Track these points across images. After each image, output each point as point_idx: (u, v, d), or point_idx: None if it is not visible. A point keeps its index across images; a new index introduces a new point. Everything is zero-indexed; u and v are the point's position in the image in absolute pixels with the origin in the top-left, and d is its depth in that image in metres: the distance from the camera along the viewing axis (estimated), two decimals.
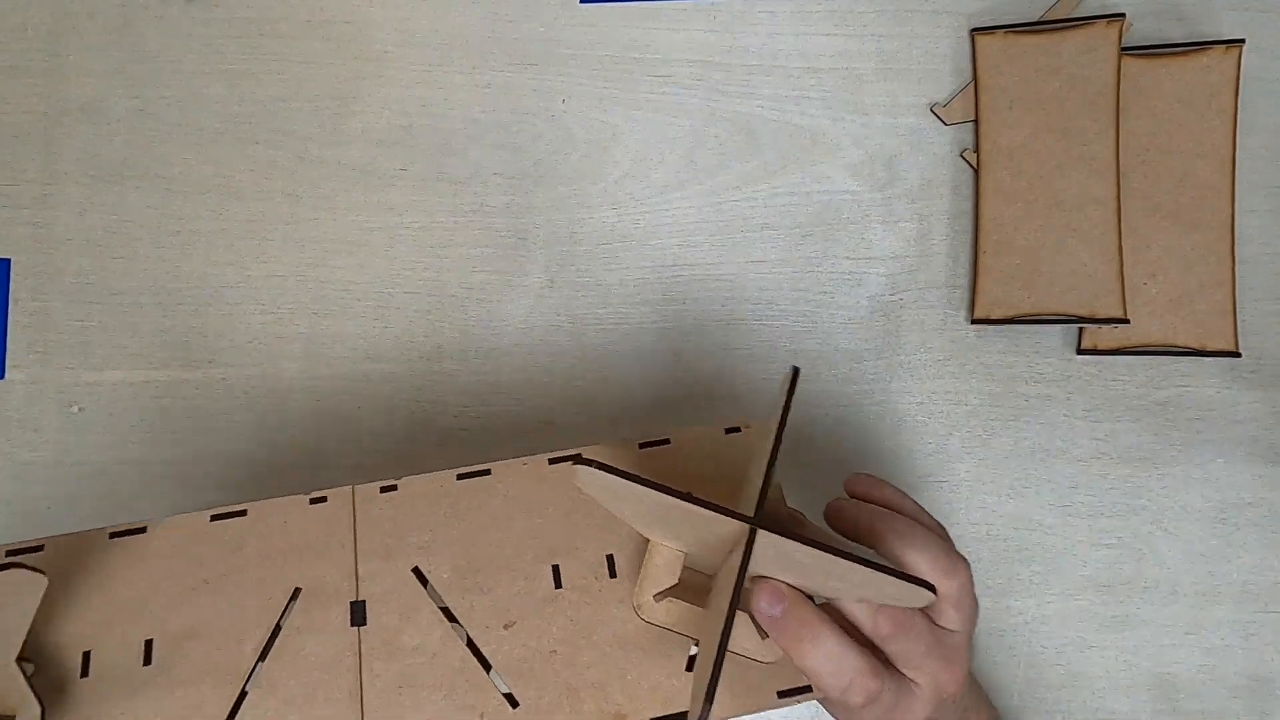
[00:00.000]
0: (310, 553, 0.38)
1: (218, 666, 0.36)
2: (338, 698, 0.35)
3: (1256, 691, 0.51)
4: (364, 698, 0.35)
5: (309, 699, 0.35)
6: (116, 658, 0.36)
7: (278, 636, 0.36)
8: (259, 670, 0.35)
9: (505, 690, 0.35)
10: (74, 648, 0.36)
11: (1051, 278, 0.51)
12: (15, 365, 0.55)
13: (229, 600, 0.37)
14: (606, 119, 0.55)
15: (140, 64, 0.57)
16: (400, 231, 0.55)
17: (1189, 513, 0.52)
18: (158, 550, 0.38)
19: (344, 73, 0.56)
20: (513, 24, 0.56)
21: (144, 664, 0.36)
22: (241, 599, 0.37)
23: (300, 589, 0.37)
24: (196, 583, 0.37)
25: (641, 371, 0.53)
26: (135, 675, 0.35)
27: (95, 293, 0.55)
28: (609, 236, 0.55)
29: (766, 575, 0.34)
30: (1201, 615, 0.51)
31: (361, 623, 0.36)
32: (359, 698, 0.35)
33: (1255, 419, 0.52)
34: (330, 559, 0.37)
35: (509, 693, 0.35)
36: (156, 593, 0.37)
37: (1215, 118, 0.52)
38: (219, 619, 0.36)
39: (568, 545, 0.38)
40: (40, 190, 0.56)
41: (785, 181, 0.54)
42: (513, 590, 0.37)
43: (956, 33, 0.54)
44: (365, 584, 0.37)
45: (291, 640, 0.36)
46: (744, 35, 0.55)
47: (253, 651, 0.36)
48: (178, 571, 0.37)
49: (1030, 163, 0.52)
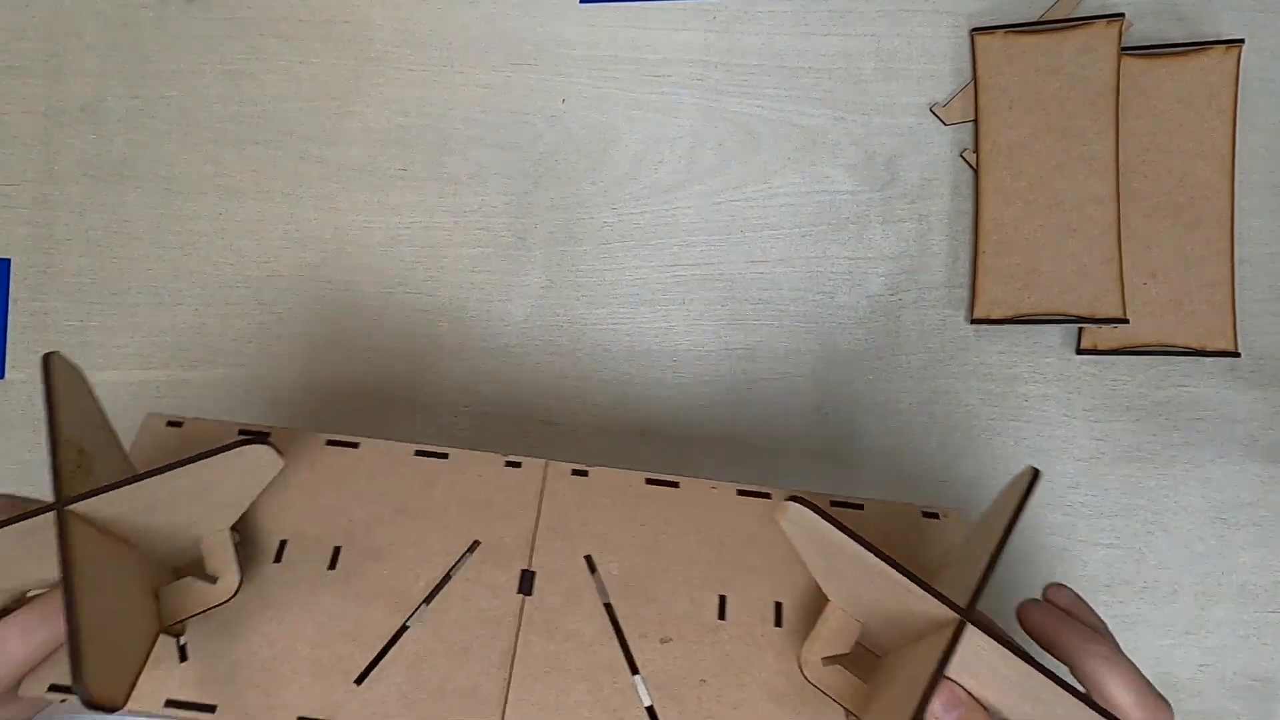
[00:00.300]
0: (495, 511, 0.39)
1: (391, 592, 0.37)
2: (490, 658, 0.36)
3: (1256, 691, 0.51)
4: (514, 665, 0.36)
5: (464, 650, 0.36)
6: (307, 554, 0.38)
7: (448, 581, 0.37)
8: (424, 609, 0.37)
9: (648, 703, 0.35)
10: (274, 533, 0.38)
11: (1051, 278, 0.51)
12: (15, 365, 0.55)
13: (414, 534, 0.38)
14: (606, 119, 0.55)
15: (140, 64, 0.57)
16: (400, 231, 0.55)
17: (1189, 513, 0.52)
18: (362, 468, 0.39)
19: (344, 73, 0.56)
20: (513, 24, 0.56)
21: (329, 568, 0.37)
22: (425, 536, 0.38)
23: (479, 542, 0.38)
24: (390, 509, 0.39)
25: (642, 372, 0.53)
26: (320, 576, 0.37)
27: (95, 293, 0.55)
28: (609, 236, 0.55)
29: (950, 676, 0.32)
30: (1201, 615, 0.51)
31: (528, 592, 0.37)
32: (509, 664, 0.36)
33: (1255, 419, 0.52)
34: (512, 522, 0.38)
35: (651, 706, 0.35)
36: (354, 507, 0.39)
37: (1215, 118, 0.52)
38: (402, 549, 0.38)
39: (739, 580, 0.37)
40: (40, 190, 0.56)
41: (785, 181, 0.54)
42: (676, 608, 0.37)
43: (956, 33, 0.54)
44: (538, 556, 0.38)
45: (460, 588, 0.37)
46: (744, 35, 0.55)
47: (425, 587, 0.37)
48: (376, 493, 0.39)
49: (1030, 163, 0.52)
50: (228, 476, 0.34)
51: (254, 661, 0.36)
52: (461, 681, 0.35)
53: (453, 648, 0.36)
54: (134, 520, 0.34)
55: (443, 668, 0.36)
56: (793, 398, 0.53)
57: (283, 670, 0.36)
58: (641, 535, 0.38)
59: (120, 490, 0.32)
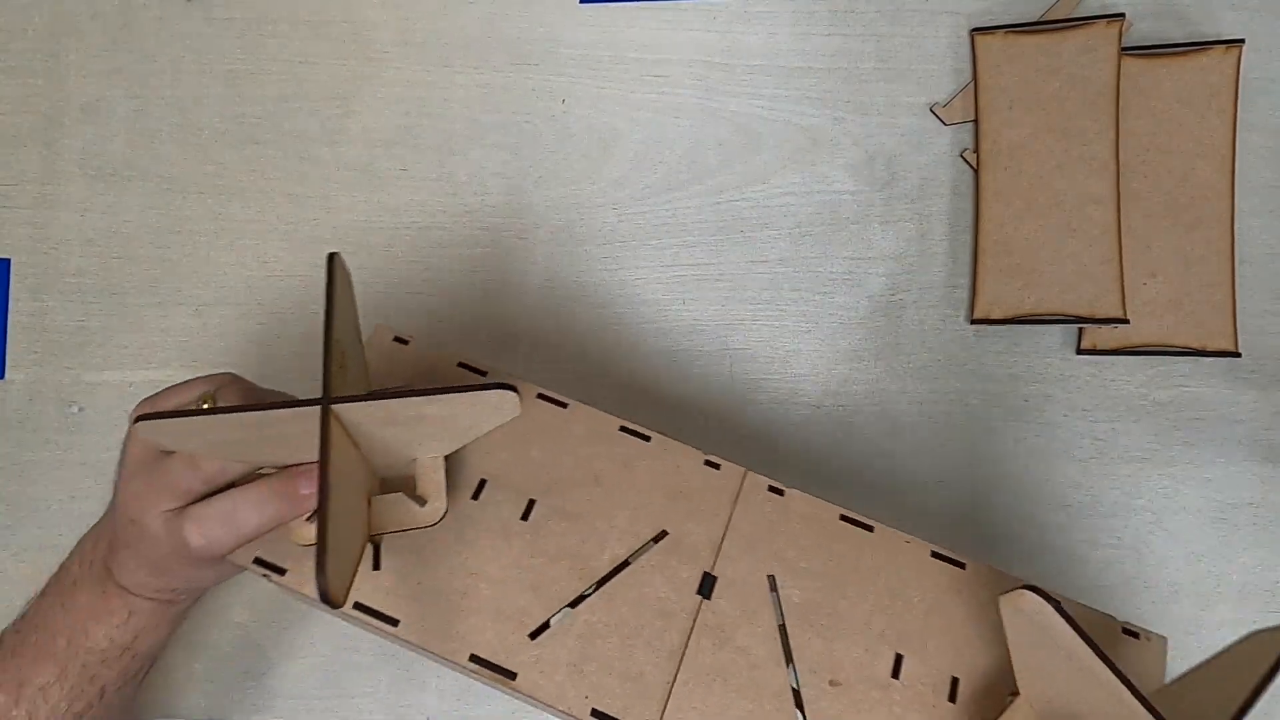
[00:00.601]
0: (688, 506, 0.39)
1: (575, 556, 0.38)
2: (660, 649, 0.36)
3: None
4: (682, 664, 0.36)
5: (635, 634, 0.36)
6: (504, 500, 0.39)
7: (630, 563, 0.38)
8: (608, 585, 0.37)
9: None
10: (476, 471, 0.39)
11: (1051, 278, 0.51)
12: (15, 365, 0.55)
13: (608, 507, 0.39)
14: (606, 119, 0.55)
15: (140, 64, 0.57)
16: (400, 231, 0.55)
17: (1189, 513, 0.52)
18: (568, 430, 0.40)
19: (344, 73, 0.56)
20: (513, 24, 0.56)
21: (522, 518, 0.38)
22: (617, 512, 0.39)
23: (666, 533, 0.38)
24: (589, 476, 0.39)
25: (642, 372, 0.53)
26: (512, 524, 0.38)
27: (95, 293, 0.55)
28: (609, 236, 0.55)
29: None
30: (1201, 615, 0.51)
31: (706, 595, 0.37)
32: (678, 662, 0.36)
33: (1255, 419, 0.52)
34: (702, 522, 0.39)
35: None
36: (554, 465, 0.39)
37: (1215, 118, 0.52)
38: (593, 518, 0.38)
39: (919, 642, 0.37)
40: (40, 190, 0.56)
41: (785, 181, 0.54)
42: (851, 653, 0.37)
43: (956, 33, 0.54)
44: (722, 562, 0.38)
45: (642, 573, 0.38)
46: (744, 35, 0.55)
47: (609, 562, 0.38)
48: (578, 458, 0.40)
49: (1030, 163, 0.52)
50: (469, 412, 0.35)
51: (439, 589, 0.37)
52: (628, 664, 0.36)
53: (625, 629, 0.37)
54: (371, 430, 0.35)
55: (613, 646, 0.36)
56: (793, 398, 0.53)
57: (464, 605, 0.37)
58: (828, 570, 0.38)
59: (378, 402, 0.34)
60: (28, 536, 0.52)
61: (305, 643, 0.54)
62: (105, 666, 0.40)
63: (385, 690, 0.53)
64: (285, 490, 0.36)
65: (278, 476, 0.37)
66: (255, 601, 0.54)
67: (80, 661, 0.40)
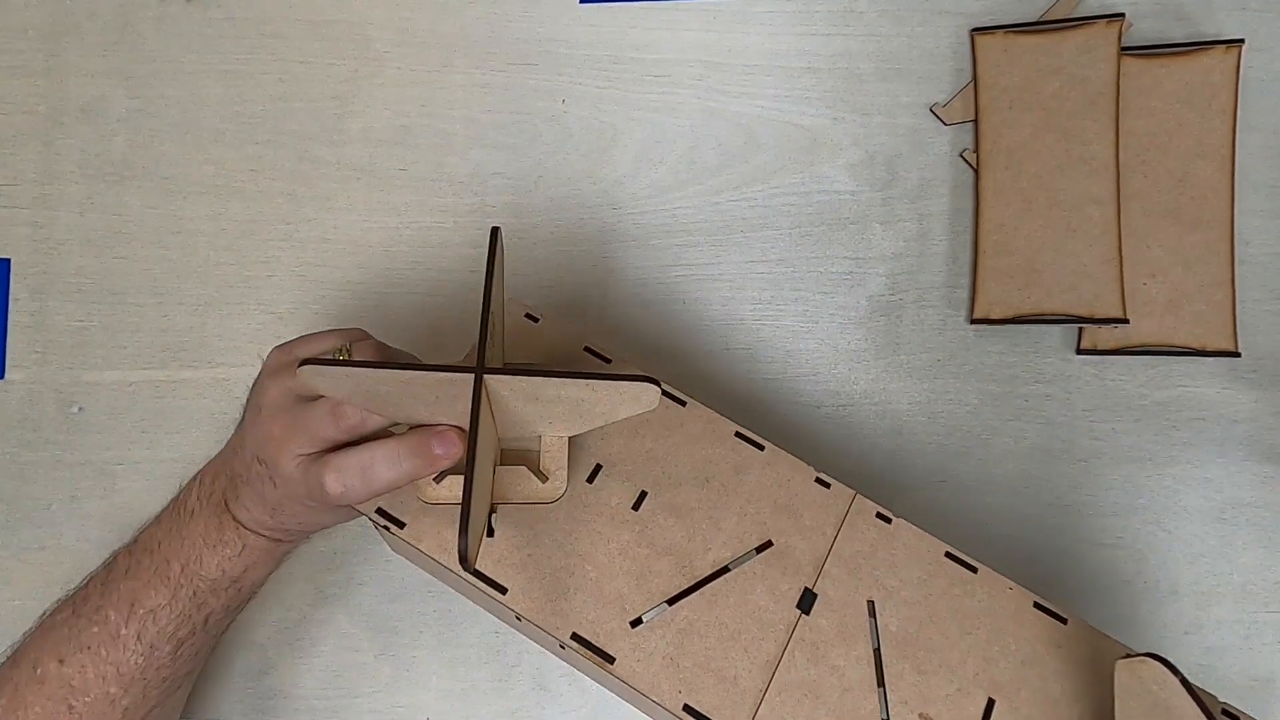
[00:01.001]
0: (794, 521, 0.40)
1: (681, 553, 0.38)
2: (755, 656, 0.37)
3: (1256, 691, 0.51)
4: (775, 674, 0.37)
5: (733, 638, 0.37)
6: (617, 487, 0.40)
7: (731, 569, 0.38)
8: (709, 585, 0.38)
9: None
10: (592, 456, 0.40)
11: (1051, 278, 0.51)
12: (15, 365, 0.55)
13: (716, 509, 0.40)
14: (606, 119, 0.55)
15: (140, 64, 0.57)
16: (400, 231, 0.55)
17: (1189, 513, 0.52)
18: (685, 428, 0.42)
19: (344, 73, 0.56)
20: (513, 24, 0.56)
21: (633, 508, 0.39)
22: (724, 515, 0.39)
23: (771, 543, 0.39)
24: (700, 477, 0.40)
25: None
26: (624, 511, 0.39)
27: (95, 293, 0.55)
28: (609, 236, 0.55)
29: None
30: (1201, 615, 0.51)
31: (806, 610, 0.38)
32: (772, 671, 0.37)
33: (1255, 419, 0.52)
34: (807, 538, 0.39)
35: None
36: (669, 461, 0.40)
37: (1215, 118, 0.52)
38: (701, 518, 0.39)
39: (1011, 690, 0.37)
40: (40, 190, 0.56)
41: (785, 181, 0.54)
42: (943, 689, 0.37)
43: (956, 33, 0.54)
44: (824, 581, 0.39)
45: (744, 579, 0.38)
46: (744, 35, 0.55)
47: (712, 564, 0.38)
48: (692, 458, 0.41)
49: (1030, 163, 0.52)
50: (608, 399, 0.36)
51: (547, 564, 0.38)
52: (723, 666, 0.37)
53: (723, 631, 0.37)
54: (511, 403, 0.37)
55: (710, 645, 0.37)
56: (793, 398, 0.53)
57: (569, 583, 0.38)
58: (928, 604, 0.38)
59: (528, 378, 0.35)
60: (28, 536, 0.52)
61: (305, 643, 0.54)
62: (213, 595, 0.42)
63: (385, 690, 0.53)
64: (420, 449, 0.38)
65: (413, 434, 0.38)
66: (255, 602, 0.54)
67: (191, 588, 0.41)
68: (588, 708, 0.53)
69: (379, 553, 0.54)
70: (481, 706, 0.53)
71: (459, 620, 0.54)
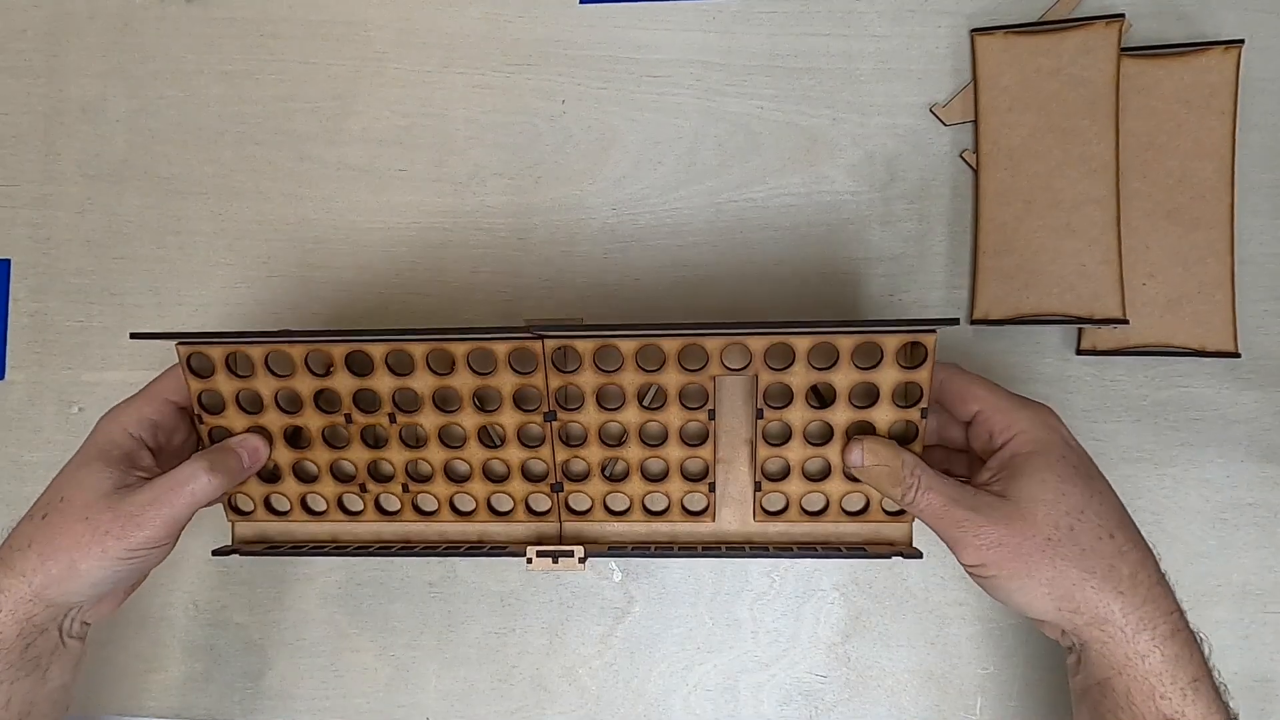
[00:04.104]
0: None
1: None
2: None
3: (1256, 691, 0.51)
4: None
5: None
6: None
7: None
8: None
9: None
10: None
11: (1051, 278, 0.51)
12: (15, 365, 0.55)
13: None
14: (606, 119, 0.55)
15: (140, 64, 0.57)
16: (400, 231, 0.55)
17: (1189, 513, 0.52)
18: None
19: (344, 73, 0.56)
20: (513, 24, 0.56)
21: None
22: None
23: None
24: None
25: None
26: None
27: (95, 293, 0.55)
28: (609, 236, 0.55)
29: None
30: (1201, 615, 0.51)
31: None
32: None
33: (1255, 419, 0.52)
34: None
35: None
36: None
37: (1215, 118, 0.52)
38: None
39: None
40: (40, 190, 0.56)
41: (785, 181, 0.54)
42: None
43: (956, 33, 0.54)
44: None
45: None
46: (744, 35, 0.55)
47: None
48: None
49: (1030, 163, 0.52)
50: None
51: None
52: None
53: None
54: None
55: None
56: None
57: None
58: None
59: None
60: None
61: (305, 643, 0.54)
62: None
63: (385, 690, 0.53)
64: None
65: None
66: (255, 602, 0.54)
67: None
68: (588, 708, 0.54)
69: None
70: (481, 706, 0.53)
71: (459, 620, 0.54)
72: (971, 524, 0.40)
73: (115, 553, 0.41)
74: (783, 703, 0.53)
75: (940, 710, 0.52)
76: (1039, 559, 0.39)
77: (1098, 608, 0.39)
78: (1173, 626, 0.39)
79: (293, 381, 0.45)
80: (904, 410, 0.44)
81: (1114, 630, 0.38)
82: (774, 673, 0.53)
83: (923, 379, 0.43)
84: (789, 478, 0.46)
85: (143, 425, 0.44)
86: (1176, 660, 0.38)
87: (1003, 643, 0.52)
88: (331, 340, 0.44)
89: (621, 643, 0.54)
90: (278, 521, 0.49)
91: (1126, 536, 0.40)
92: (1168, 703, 0.38)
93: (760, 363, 0.44)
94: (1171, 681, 0.38)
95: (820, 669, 0.53)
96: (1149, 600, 0.39)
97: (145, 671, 0.55)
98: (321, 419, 0.46)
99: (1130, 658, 0.38)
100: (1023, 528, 0.39)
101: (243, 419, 0.46)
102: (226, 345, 0.45)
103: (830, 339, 0.43)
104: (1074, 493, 0.40)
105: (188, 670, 0.54)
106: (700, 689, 0.53)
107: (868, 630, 0.53)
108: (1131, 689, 0.38)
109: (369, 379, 0.45)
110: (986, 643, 0.52)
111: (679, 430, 0.46)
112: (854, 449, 0.43)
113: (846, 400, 0.44)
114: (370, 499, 0.48)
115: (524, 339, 0.43)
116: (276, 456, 0.46)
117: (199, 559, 0.55)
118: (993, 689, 0.52)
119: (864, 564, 0.53)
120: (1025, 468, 0.40)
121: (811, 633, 0.53)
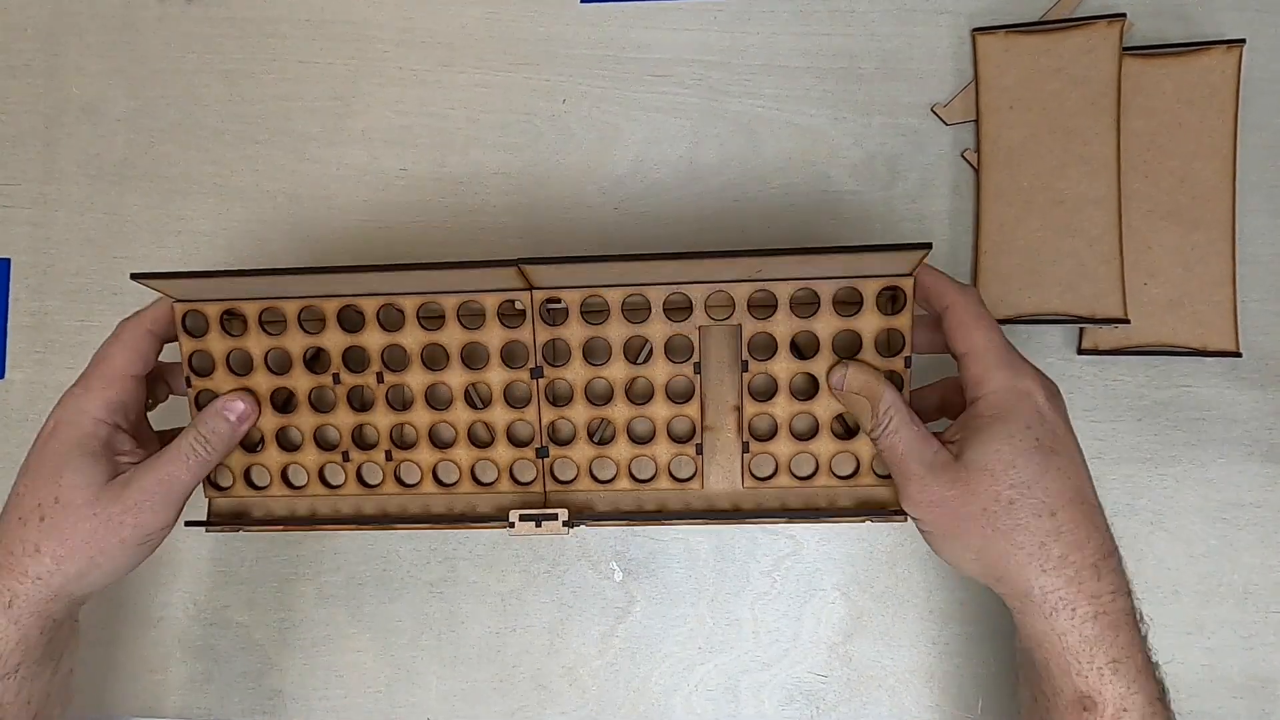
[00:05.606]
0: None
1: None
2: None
3: (1257, 691, 0.51)
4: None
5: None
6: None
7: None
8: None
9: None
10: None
11: (1051, 278, 0.51)
12: (15, 365, 0.55)
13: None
14: (606, 119, 0.55)
15: (140, 64, 0.57)
16: (400, 231, 0.55)
17: (1190, 513, 0.52)
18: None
19: (344, 73, 0.56)
20: (513, 24, 0.56)
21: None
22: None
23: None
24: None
25: None
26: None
27: (95, 293, 0.55)
28: (610, 236, 0.55)
29: None
30: (1201, 615, 0.51)
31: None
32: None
33: (1255, 419, 0.52)
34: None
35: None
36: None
37: (1215, 118, 0.52)
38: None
39: None
40: (40, 190, 0.56)
41: (785, 181, 0.54)
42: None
43: (957, 33, 0.54)
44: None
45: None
46: (744, 35, 0.55)
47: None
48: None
49: (1030, 163, 0.52)
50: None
51: None
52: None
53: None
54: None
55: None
56: None
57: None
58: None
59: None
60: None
61: (305, 643, 0.54)
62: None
63: (386, 690, 0.53)
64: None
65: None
66: (255, 602, 0.54)
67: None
68: (588, 708, 0.53)
69: (378, 552, 0.54)
70: (482, 706, 0.53)
71: (459, 620, 0.54)
72: (918, 479, 0.41)
73: (133, 540, 0.42)
74: (784, 703, 0.53)
75: (941, 710, 0.52)
76: (971, 526, 0.39)
77: (1017, 582, 0.39)
78: (1098, 609, 0.39)
79: (284, 339, 0.45)
80: (888, 360, 0.44)
81: (1032, 607, 0.39)
82: (775, 672, 0.53)
83: (903, 325, 0.43)
84: (776, 437, 0.46)
85: (111, 409, 0.44)
86: (1096, 641, 0.38)
87: (1004, 643, 0.52)
88: (325, 274, 0.43)
89: (622, 642, 0.54)
90: (256, 497, 0.48)
91: (1071, 517, 0.40)
92: (1084, 680, 0.38)
93: (744, 311, 0.44)
94: (1089, 661, 0.38)
95: (821, 669, 0.53)
96: (1075, 582, 0.39)
97: (145, 672, 0.55)
98: (310, 379, 0.46)
99: (1047, 634, 0.39)
100: (964, 493, 0.39)
101: (231, 381, 0.46)
102: (222, 302, 0.44)
103: (811, 284, 0.43)
104: (1026, 467, 0.39)
105: (188, 670, 0.54)
106: (701, 689, 0.53)
107: (869, 630, 0.53)
108: (1050, 661, 0.39)
109: (359, 335, 0.45)
110: (987, 643, 0.52)
111: (665, 386, 0.45)
112: (838, 370, 0.43)
113: (830, 351, 0.44)
114: (352, 469, 0.47)
115: (508, 268, 0.42)
116: (261, 423, 0.46)
117: (199, 559, 0.55)
118: (994, 689, 0.52)
119: (865, 564, 0.53)
120: (984, 432, 0.40)
121: (813, 632, 0.53)
